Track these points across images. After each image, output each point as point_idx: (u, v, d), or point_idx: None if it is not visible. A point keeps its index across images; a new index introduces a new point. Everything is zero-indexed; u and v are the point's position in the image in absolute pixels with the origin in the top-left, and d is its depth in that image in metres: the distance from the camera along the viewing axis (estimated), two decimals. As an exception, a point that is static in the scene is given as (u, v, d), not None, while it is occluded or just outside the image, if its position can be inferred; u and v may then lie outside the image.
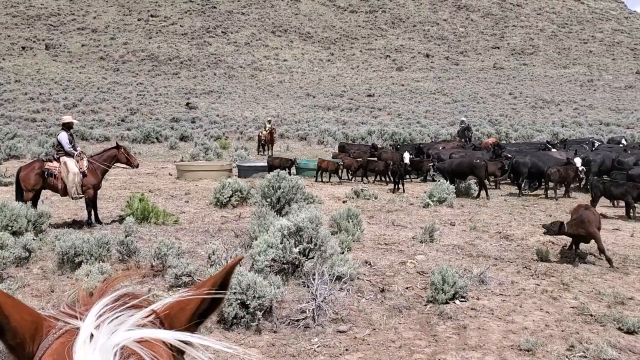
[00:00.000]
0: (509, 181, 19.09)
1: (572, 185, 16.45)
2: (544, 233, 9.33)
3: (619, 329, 6.28)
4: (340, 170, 19.02)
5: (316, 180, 18.74)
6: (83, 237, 8.20)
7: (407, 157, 18.04)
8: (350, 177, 19.64)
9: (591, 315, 6.67)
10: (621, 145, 22.94)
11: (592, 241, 8.98)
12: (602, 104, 60.28)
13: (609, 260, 8.75)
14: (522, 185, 16.79)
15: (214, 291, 1.10)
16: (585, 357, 5.53)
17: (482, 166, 15.93)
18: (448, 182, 15.00)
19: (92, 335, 0.93)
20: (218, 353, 1.13)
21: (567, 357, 5.57)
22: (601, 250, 8.84)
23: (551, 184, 16.02)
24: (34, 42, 79.22)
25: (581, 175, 15.75)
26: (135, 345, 0.93)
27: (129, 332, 0.95)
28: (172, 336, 0.98)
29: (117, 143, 12.64)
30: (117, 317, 0.97)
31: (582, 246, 9.72)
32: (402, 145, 24.44)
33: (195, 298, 1.10)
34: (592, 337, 6.00)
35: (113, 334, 0.93)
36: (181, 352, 1.05)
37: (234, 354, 0.99)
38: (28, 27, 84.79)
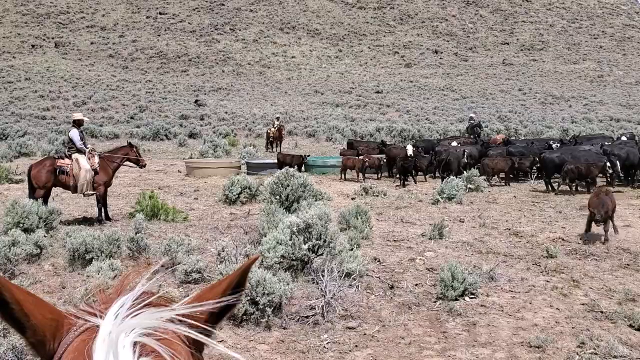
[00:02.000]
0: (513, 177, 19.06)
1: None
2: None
3: (630, 325, 6.25)
4: (365, 168, 18.48)
5: (341, 179, 18.64)
6: (93, 234, 8.26)
7: (410, 149, 18.00)
8: (377, 175, 19.31)
9: (602, 312, 6.64)
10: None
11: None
12: (613, 100, 59.80)
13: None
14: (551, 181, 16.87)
15: (227, 296, 1.11)
16: (596, 354, 5.50)
17: (453, 162, 18.00)
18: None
19: (111, 333, 0.93)
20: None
21: (577, 354, 5.55)
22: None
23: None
24: (44, 40, 79.64)
25: (610, 171, 15.62)
26: (155, 343, 0.94)
27: (148, 330, 0.95)
28: (188, 332, 0.99)
29: (129, 142, 12.89)
30: (136, 315, 0.98)
31: (597, 241, 9.72)
32: (445, 138, 24.49)
33: (212, 298, 1.11)
34: (602, 334, 5.98)
35: (132, 332, 0.94)
36: (199, 350, 1.06)
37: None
38: (38, 26, 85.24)
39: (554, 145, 19.76)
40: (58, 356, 0.98)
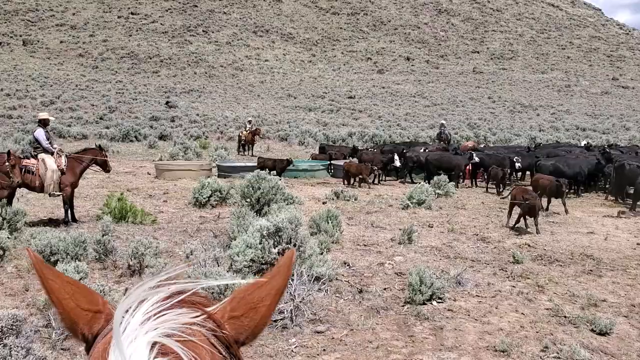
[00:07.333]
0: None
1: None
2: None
3: (592, 330, 6.39)
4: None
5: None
6: (59, 236, 8.09)
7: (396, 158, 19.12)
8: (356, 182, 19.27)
9: (565, 316, 6.78)
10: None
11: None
12: (579, 109, 61.27)
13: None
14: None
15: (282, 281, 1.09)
16: (559, 358, 5.61)
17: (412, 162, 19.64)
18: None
19: (134, 330, 0.92)
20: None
21: (541, 357, 5.66)
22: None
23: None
24: (11, 37, 77.95)
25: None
26: (175, 345, 0.91)
27: (171, 331, 0.93)
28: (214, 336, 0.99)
29: (98, 145, 12.57)
30: (163, 315, 0.95)
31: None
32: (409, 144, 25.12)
33: (271, 290, 1.08)
34: (565, 339, 6.10)
35: (154, 331, 0.92)
36: (235, 355, 1.03)
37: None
38: (5, 23, 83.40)
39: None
40: (96, 344, 1.01)
